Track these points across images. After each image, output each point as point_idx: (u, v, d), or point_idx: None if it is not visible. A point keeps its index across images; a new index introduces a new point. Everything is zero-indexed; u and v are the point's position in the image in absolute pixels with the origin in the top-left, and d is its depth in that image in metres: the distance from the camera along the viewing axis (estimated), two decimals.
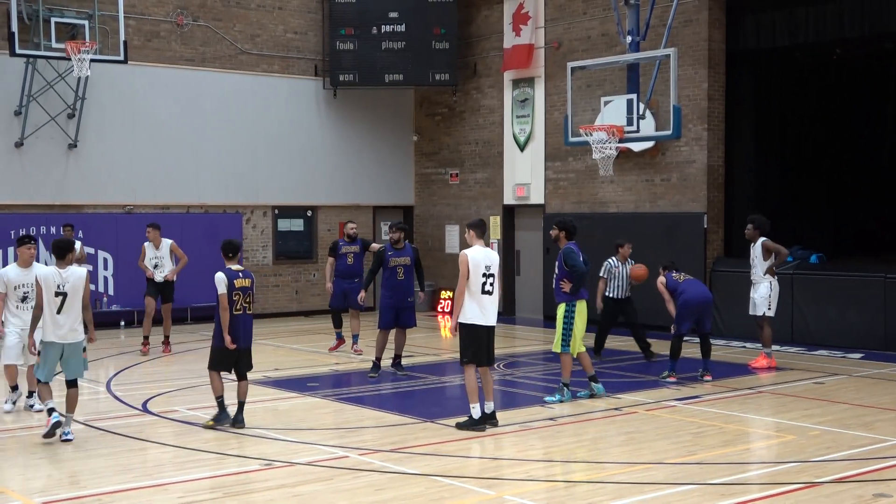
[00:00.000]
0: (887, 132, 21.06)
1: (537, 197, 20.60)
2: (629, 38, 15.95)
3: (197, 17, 20.32)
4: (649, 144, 17.97)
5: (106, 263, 19.07)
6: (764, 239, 14.09)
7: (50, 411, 9.56)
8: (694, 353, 13.99)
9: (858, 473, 8.32)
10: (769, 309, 14.09)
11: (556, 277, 11.44)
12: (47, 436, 9.43)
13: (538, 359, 15.20)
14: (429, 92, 22.76)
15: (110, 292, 19.10)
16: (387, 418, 10.70)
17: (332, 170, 22.05)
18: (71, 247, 9.84)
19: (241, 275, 10.13)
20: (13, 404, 10.86)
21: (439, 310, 21.85)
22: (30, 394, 10.96)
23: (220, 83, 20.58)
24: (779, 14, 17.47)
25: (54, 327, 9.52)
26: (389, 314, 13.29)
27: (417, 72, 21.45)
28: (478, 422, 9.95)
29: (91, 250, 18.62)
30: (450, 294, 20.43)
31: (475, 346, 9.96)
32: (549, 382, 12.57)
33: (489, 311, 10.00)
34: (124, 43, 18.01)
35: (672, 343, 13.09)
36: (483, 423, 9.97)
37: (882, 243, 20.77)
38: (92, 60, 17.16)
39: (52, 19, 17.73)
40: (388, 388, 12.72)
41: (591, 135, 15.76)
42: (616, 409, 11.17)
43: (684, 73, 17.26)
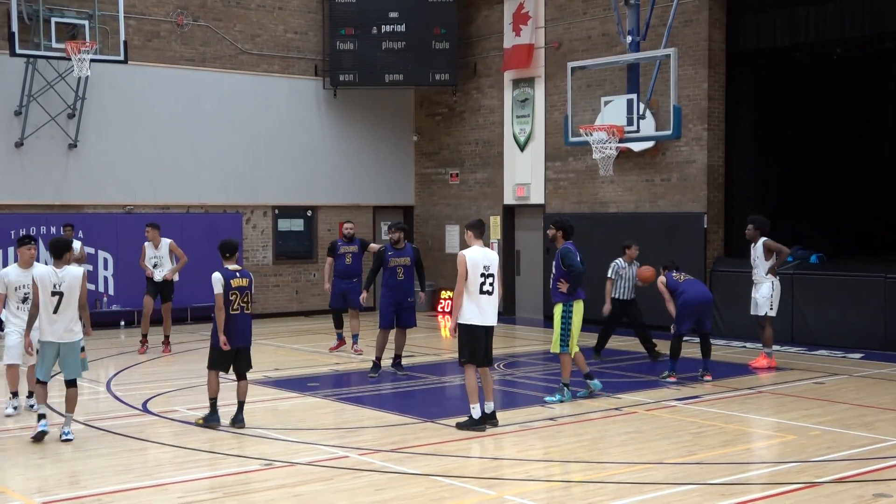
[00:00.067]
0: (887, 132, 21.05)
1: (537, 197, 20.61)
2: (629, 38, 15.96)
3: (197, 17, 20.32)
4: (649, 144, 17.97)
5: (106, 263, 19.08)
6: (765, 239, 14.09)
7: (40, 416, 9.58)
8: (694, 353, 13.99)
9: (859, 473, 8.32)
10: (771, 309, 14.08)
11: (554, 277, 11.43)
12: (34, 440, 9.45)
13: (538, 359, 15.19)
14: (429, 92, 22.76)
15: (110, 292, 19.11)
16: (387, 418, 10.69)
17: (332, 170, 22.06)
18: (68, 246, 9.82)
19: (238, 274, 10.12)
20: (14, 409, 10.84)
21: (439, 310, 21.85)
22: (30, 394, 10.96)
23: (221, 83, 20.58)
24: (779, 14, 17.47)
25: (50, 327, 9.52)
26: (390, 314, 13.30)
27: (417, 72, 21.45)
28: (478, 422, 9.94)
29: (91, 250, 18.62)
30: (450, 294, 20.42)
31: (473, 347, 9.95)
32: (549, 382, 12.56)
33: (488, 311, 9.98)
34: (124, 43, 18.03)
35: (672, 343, 13.09)
36: (483, 423, 9.97)
37: (882, 243, 20.77)
38: (92, 60, 17.18)
39: (53, 19, 17.74)
40: (388, 388, 12.72)
41: (592, 135, 15.77)
42: (616, 409, 11.17)
43: (684, 73, 17.26)
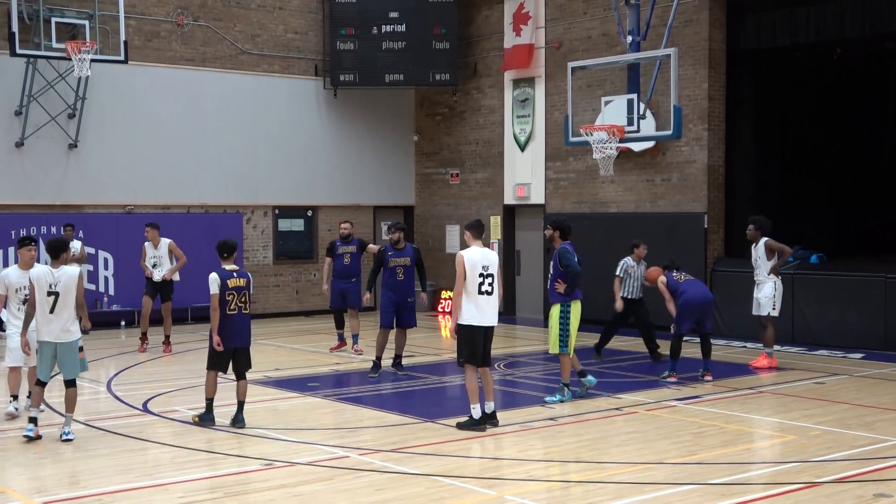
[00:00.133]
0: (888, 132, 21.05)
1: (538, 197, 20.60)
2: (629, 38, 15.95)
3: (197, 17, 20.32)
4: (650, 144, 17.96)
5: (106, 263, 19.07)
6: (767, 239, 14.09)
7: (30, 419, 9.59)
8: (694, 353, 13.99)
9: (859, 473, 8.32)
10: (774, 309, 14.07)
11: (551, 278, 11.42)
12: (27, 440, 9.49)
13: (538, 359, 15.19)
14: (429, 92, 22.76)
15: (111, 292, 19.10)
16: (387, 418, 10.69)
17: (332, 170, 22.06)
18: (65, 246, 9.80)
19: (235, 275, 10.11)
20: (16, 409, 10.84)
21: (440, 310, 21.85)
22: (30, 394, 10.94)
23: (221, 83, 20.58)
24: (779, 14, 17.47)
25: (47, 327, 9.52)
26: (390, 314, 13.30)
27: (418, 72, 21.45)
28: (478, 422, 9.94)
29: (91, 250, 18.63)
30: (450, 294, 20.40)
31: (471, 348, 9.94)
32: (550, 382, 12.56)
33: (486, 311, 9.97)
34: (125, 43, 18.03)
35: (672, 343, 13.09)
36: (483, 423, 9.96)
37: (882, 243, 20.76)
38: (92, 60, 17.17)
39: (53, 19, 17.74)
40: (388, 388, 12.72)
41: (592, 135, 15.77)
42: (617, 409, 11.16)
43: (685, 73, 17.26)
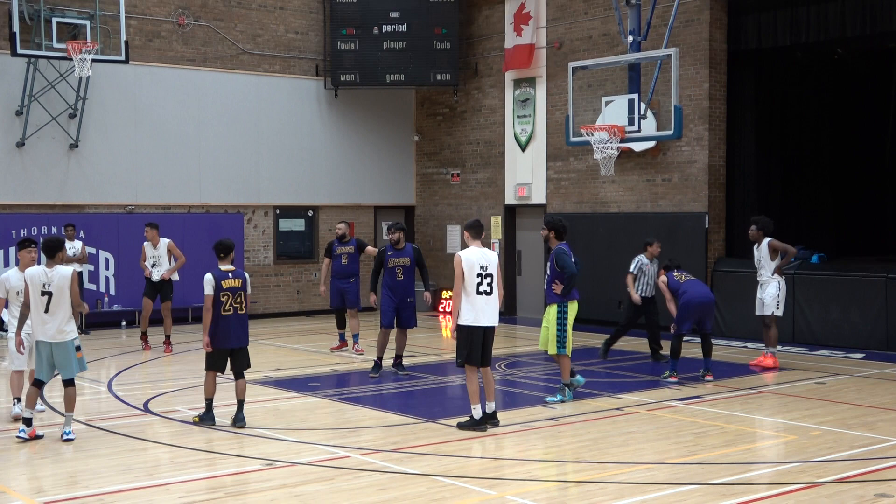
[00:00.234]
0: (889, 132, 21.03)
1: (538, 197, 20.60)
2: (630, 38, 15.96)
3: (198, 17, 20.32)
4: (650, 144, 17.96)
5: (107, 263, 19.08)
6: (770, 239, 14.07)
7: (25, 420, 9.59)
8: (695, 353, 13.98)
9: (860, 473, 8.32)
10: (777, 308, 14.06)
11: (548, 279, 11.40)
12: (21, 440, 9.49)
13: (539, 359, 15.18)
14: (430, 92, 22.76)
15: (111, 292, 19.10)
16: (388, 418, 10.69)
17: (333, 170, 22.06)
18: (61, 246, 9.78)
19: (230, 275, 10.11)
20: (20, 411, 10.82)
21: (440, 310, 21.85)
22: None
23: (222, 83, 20.58)
24: (780, 14, 17.46)
25: (42, 327, 9.53)
26: (391, 314, 13.30)
27: (419, 72, 21.45)
28: (479, 422, 9.94)
29: (92, 250, 18.64)
30: (450, 294, 20.40)
31: (469, 348, 9.92)
32: (550, 382, 12.56)
33: (485, 311, 9.95)
34: (125, 43, 18.04)
35: (672, 343, 13.08)
36: (484, 423, 9.96)
37: (883, 243, 20.76)
38: (93, 60, 17.20)
39: (54, 19, 17.76)
40: (389, 388, 12.72)
41: (593, 135, 15.77)
42: (617, 409, 11.16)
43: (685, 73, 17.25)
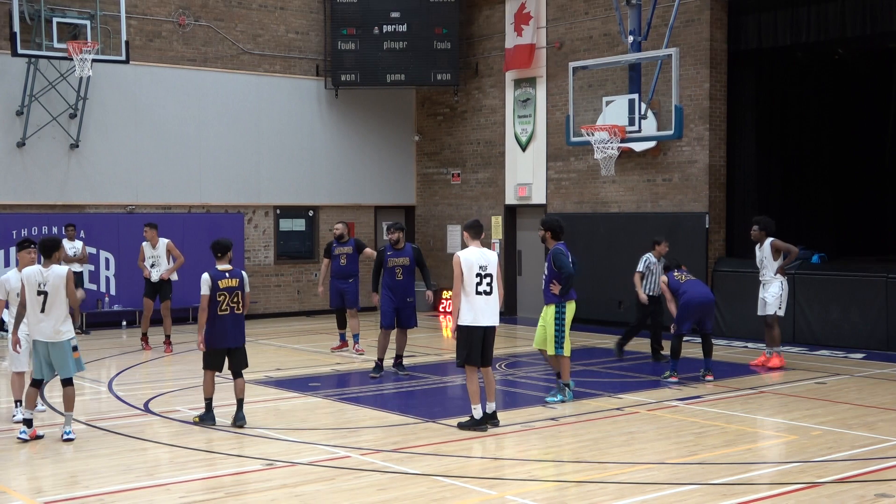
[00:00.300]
0: (889, 131, 21.00)
1: (539, 197, 20.59)
2: (631, 38, 15.96)
3: (199, 17, 20.33)
4: (651, 144, 17.95)
5: (108, 263, 19.08)
6: (772, 239, 14.07)
7: (25, 421, 9.59)
8: (696, 353, 13.98)
9: (860, 473, 8.31)
10: (780, 308, 14.06)
11: (546, 279, 11.39)
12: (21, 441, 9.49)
13: (539, 359, 15.12)
14: (430, 92, 22.76)
15: (112, 292, 19.10)
16: (388, 418, 10.69)
17: (333, 170, 22.06)
18: (58, 246, 9.78)
19: (227, 275, 10.12)
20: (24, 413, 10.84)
21: (440, 310, 21.85)
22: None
23: (222, 83, 20.58)
24: (780, 14, 17.45)
25: (38, 326, 9.53)
26: (390, 314, 13.30)
27: (419, 72, 21.45)
28: (479, 422, 9.94)
29: (93, 250, 18.65)
30: (451, 294, 20.42)
31: (469, 349, 9.92)
32: (551, 382, 12.54)
33: (485, 311, 9.94)
34: (126, 43, 18.04)
35: (672, 343, 13.08)
36: (484, 423, 9.96)
37: (883, 243, 20.75)
38: (94, 60, 17.20)
39: (54, 19, 17.76)
40: (389, 388, 12.72)
41: (593, 135, 15.77)
42: (618, 409, 11.16)
43: (686, 73, 17.24)
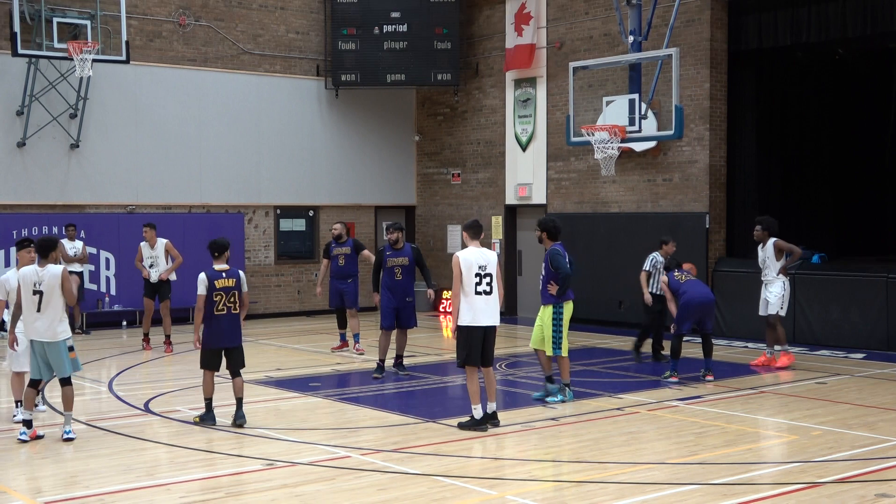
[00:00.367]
0: (889, 132, 21.01)
1: (539, 197, 20.59)
2: (631, 38, 15.96)
3: (199, 17, 20.33)
4: (651, 144, 17.95)
5: (108, 263, 19.08)
6: (775, 239, 14.05)
7: (26, 422, 9.59)
8: (696, 353, 13.97)
9: (861, 473, 8.31)
10: (782, 308, 14.05)
11: (543, 279, 11.38)
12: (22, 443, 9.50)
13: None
14: (431, 92, 22.76)
15: (112, 292, 19.10)
16: (388, 418, 10.69)
17: (333, 170, 22.06)
18: (54, 246, 9.77)
19: (224, 275, 10.14)
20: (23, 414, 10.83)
21: (440, 310, 21.85)
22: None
23: (222, 83, 20.58)
24: (781, 14, 17.45)
25: (33, 325, 9.54)
26: (391, 315, 13.28)
27: (419, 72, 21.45)
28: (479, 422, 9.94)
29: (93, 250, 18.65)
30: (451, 294, 20.40)
31: (469, 349, 9.91)
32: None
33: (484, 311, 9.94)
34: (126, 43, 18.05)
35: (672, 343, 13.08)
36: (485, 423, 9.96)
37: (883, 243, 20.75)
38: (94, 60, 17.21)
39: (55, 19, 17.77)
40: (389, 388, 12.71)
41: (594, 135, 15.77)
42: (618, 409, 11.16)
43: (686, 73, 17.24)
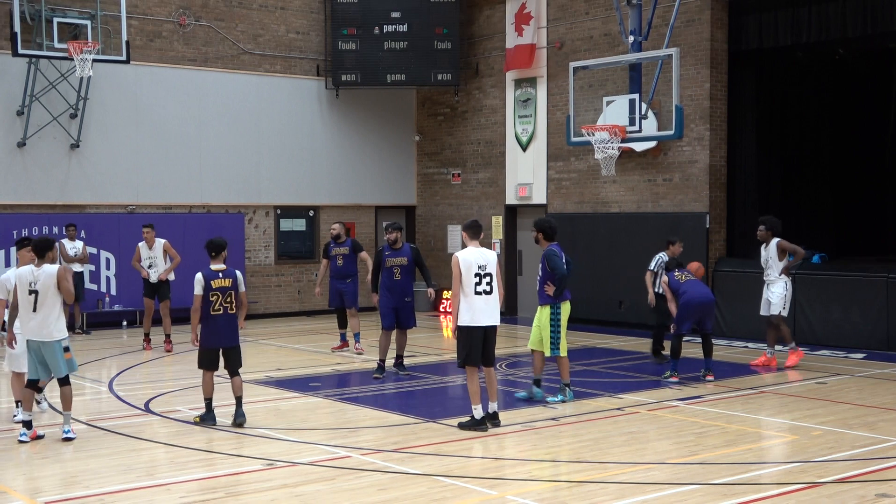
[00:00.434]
0: (890, 131, 21.00)
1: (539, 197, 20.59)
2: (631, 38, 15.96)
3: (199, 17, 20.33)
4: (651, 144, 17.95)
5: (108, 263, 19.07)
6: (779, 240, 14.05)
7: (25, 423, 9.59)
8: (696, 353, 13.97)
9: (861, 473, 8.31)
10: (784, 309, 14.05)
11: (540, 280, 11.38)
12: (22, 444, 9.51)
13: None
14: (431, 92, 22.76)
15: (112, 292, 19.10)
16: (389, 418, 10.70)
17: (334, 170, 22.06)
18: (50, 246, 9.79)
19: (220, 275, 10.14)
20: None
21: (441, 309, 21.85)
22: (38, 390, 10.91)
23: (223, 83, 20.59)
24: (781, 14, 17.45)
25: (29, 325, 9.56)
26: (390, 315, 13.28)
27: (419, 72, 21.45)
28: (480, 422, 9.94)
29: (94, 250, 18.65)
30: (451, 294, 20.38)
31: (468, 349, 9.92)
32: (551, 383, 12.55)
33: (484, 311, 9.94)
34: (126, 43, 18.05)
35: (672, 343, 13.08)
36: (485, 423, 9.96)
37: (883, 243, 20.74)
38: (94, 60, 17.22)
39: (55, 19, 17.77)
40: (390, 388, 12.71)
41: (594, 135, 15.78)
42: (618, 409, 11.16)
43: (686, 73, 17.24)
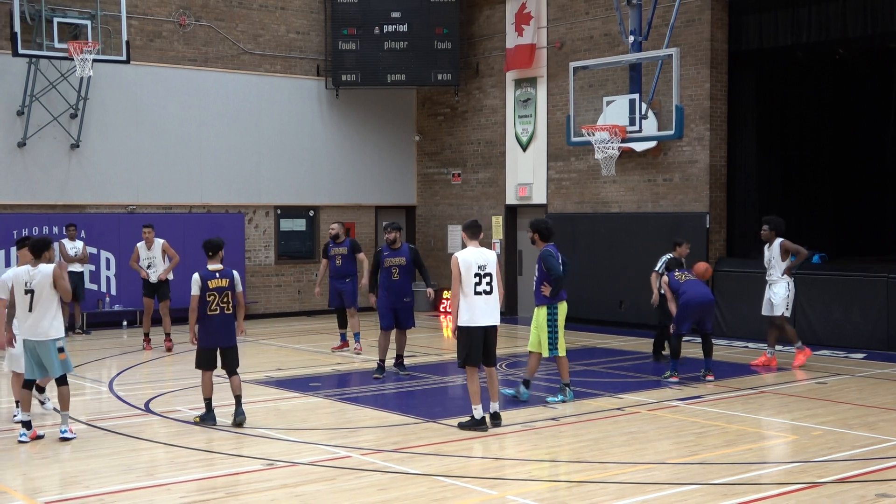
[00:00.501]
0: (890, 131, 20.99)
1: (539, 197, 20.59)
2: (631, 38, 15.97)
3: (199, 17, 20.33)
4: (651, 144, 17.95)
5: (108, 263, 19.07)
6: (782, 240, 14.04)
7: (24, 424, 9.59)
8: (696, 353, 13.97)
9: (861, 473, 8.31)
10: (787, 309, 14.05)
11: (536, 280, 11.38)
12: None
13: (541, 360, 15.16)
14: (431, 92, 22.76)
15: (112, 292, 19.10)
16: (389, 418, 10.70)
17: (334, 170, 22.06)
18: (47, 245, 9.79)
19: (217, 275, 10.14)
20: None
21: (441, 309, 21.85)
22: (40, 389, 10.94)
23: (223, 83, 20.59)
24: (781, 14, 17.45)
25: (25, 324, 9.56)
26: (389, 315, 13.28)
27: (420, 72, 21.45)
28: (480, 422, 9.94)
29: (94, 250, 18.65)
30: (450, 294, 20.36)
31: (468, 349, 9.92)
32: (551, 383, 12.55)
33: (484, 311, 9.95)
34: (127, 43, 18.06)
35: (672, 343, 13.09)
36: (485, 423, 9.96)
37: (884, 243, 20.73)
38: (94, 60, 17.22)
39: (55, 19, 17.77)
40: (390, 388, 12.71)
41: (594, 135, 15.78)
42: (618, 409, 11.16)
43: (686, 73, 17.25)
